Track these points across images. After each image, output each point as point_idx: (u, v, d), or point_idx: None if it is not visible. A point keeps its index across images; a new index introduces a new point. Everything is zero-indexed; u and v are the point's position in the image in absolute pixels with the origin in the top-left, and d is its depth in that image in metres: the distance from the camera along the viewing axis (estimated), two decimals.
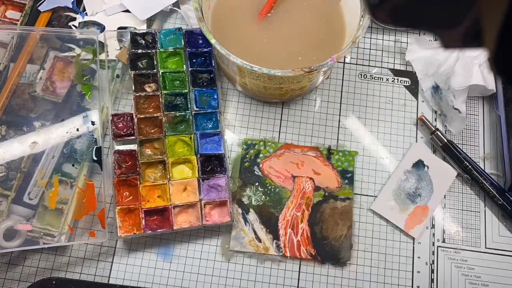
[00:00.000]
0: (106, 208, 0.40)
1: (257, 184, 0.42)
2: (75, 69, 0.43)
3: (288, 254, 0.40)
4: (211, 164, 0.41)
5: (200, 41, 0.44)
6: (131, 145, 0.41)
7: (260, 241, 0.40)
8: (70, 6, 0.46)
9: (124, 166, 0.40)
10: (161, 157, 0.40)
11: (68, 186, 0.40)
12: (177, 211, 0.39)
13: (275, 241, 0.40)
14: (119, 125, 0.41)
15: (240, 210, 0.41)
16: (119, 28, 0.46)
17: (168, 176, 0.40)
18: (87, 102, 0.42)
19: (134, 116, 0.41)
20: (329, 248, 0.40)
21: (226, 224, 0.39)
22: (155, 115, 0.41)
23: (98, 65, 0.43)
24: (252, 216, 0.41)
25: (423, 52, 0.46)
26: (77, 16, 0.46)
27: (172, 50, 0.43)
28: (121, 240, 0.40)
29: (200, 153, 0.41)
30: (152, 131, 0.41)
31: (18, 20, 0.45)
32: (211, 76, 0.43)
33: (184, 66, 0.43)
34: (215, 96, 0.42)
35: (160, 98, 0.42)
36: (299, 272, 0.40)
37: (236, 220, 0.41)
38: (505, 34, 0.14)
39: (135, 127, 0.41)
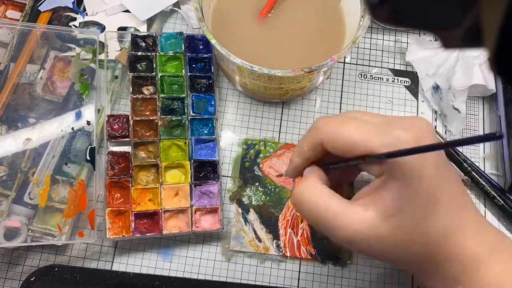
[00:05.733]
0: (97, 209, 0.40)
1: (257, 184, 0.42)
2: (74, 68, 0.43)
3: (288, 254, 0.40)
4: (204, 170, 0.41)
5: (201, 47, 0.44)
6: (125, 147, 0.41)
7: (260, 241, 0.40)
8: (71, 6, 0.46)
9: (117, 167, 0.40)
10: (154, 160, 0.40)
11: (66, 185, 0.40)
12: (167, 215, 0.39)
13: (275, 241, 0.40)
14: (114, 126, 0.41)
15: (240, 210, 0.41)
16: (120, 28, 0.46)
17: (160, 180, 0.40)
18: (84, 102, 0.42)
19: (130, 118, 0.41)
20: (329, 248, 0.40)
21: (217, 231, 0.39)
22: (151, 118, 0.41)
23: (97, 65, 0.43)
24: (252, 216, 0.41)
25: (423, 52, 0.46)
26: (78, 16, 0.46)
27: (172, 54, 0.43)
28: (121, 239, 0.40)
29: (194, 159, 0.41)
30: (147, 134, 0.41)
31: (18, 20, 0.45)
32: (210, 82, 0.43)
33: (183, 70, 0.43)
34: (213, 102, 0.42)
35: (157, 102, 0.42)
36: (299, 272, 0.40)
37: (236, 220, 0.41)
38: (505, 34, 0.14)
39: (130, 129, 0.41)
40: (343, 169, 0.34)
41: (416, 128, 0.27)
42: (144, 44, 0.43)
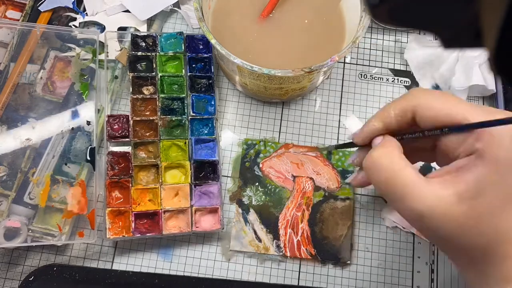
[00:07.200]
0: (97, 209, 0.40)
1: (257, 184, 0.42)
2: (74, 68, 0.43)
3: (288, 254, 0.40)
4: (204, 171, 0.41)
5: (201, 47, 0.44)
6: (125, 147, 0.41)
7: (260, 241, 0.40)
8: (71, 6, 0.46)
9: (117, 167, 0.40)
10: (154, 160, 0.40)
11: (66, 185, 0.40)
12: (167, 215, 0.39)
13: (275, 241, 0.40)
14: (114, 127, 0.41)
15: (240, 210, 0.41)
16: (120, 28, 0.46)
17: (160, 180, 0.40)
18: (84, 102, 0.42)
19: (130, 118, 0.41)
20: (329, 248, 0.40)
21: (218, 232, 0.39)
22: (151, 118, 0.41)
23: (97, 65, 0.43)
24: (252, 216, 0.41)
25: (422, 50, 0.46)
26: (78, 16, 0.46)
27: (172, 54, 0.43)
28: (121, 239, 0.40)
29: (194, 159, 0.41)
30: (147, 134, 0.41)
31: (18, 20, 0.45)
32: (210, 82, 0.43)
33: (183, 70, 0.43)
34: (213, 102, 0.42)
35: (157, 102, 0.42)
36: (299, 272, 0.40)
37: (236, 220, 0.41)
38: (505, 34, 0.14)
39: (130, 129, 0.41)
40: (415, 149, 0.33)
41: None
42: (144, 44, 0.43)
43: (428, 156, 0.32)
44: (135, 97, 0.41)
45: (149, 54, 0.43)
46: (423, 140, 0.32)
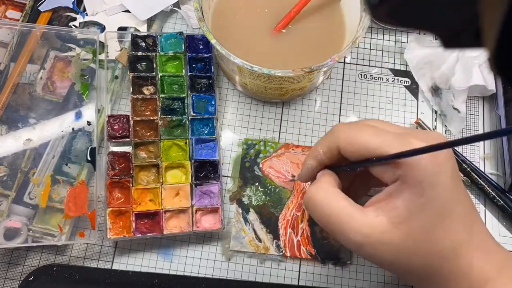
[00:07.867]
0: (98, 209, 0.40)
1: (257, 184, 0.42)
2: (74, 68, 0.43)
3: (288, 254, 0.40)
4: (205, 170, 0.41)
5: (201, 47, 0.44)
6: (125, 147, 0.41)
7: (260, 241, 0.40)
8: (71, 6, 0.46)
9: (117, 167, 0.40)
10: (155, 160, 0.40)
11: (67, 186, 0.40)
12: (168, 215, 0.39)
13: (275, 241, 0.40)
14: (115, 127, 0.41)
15: (240, 210, 0.41)
16: (120, 28, 0.46)
17: (161, 180, 0.40)
18: (85, 102, 0.42)
19: (130, 118, 0.41)
20: (329, 248, 0.40)
21: (218, 231, 0.39)
22: (151, 118, 0.41)
23: (97, 65, 0.43)
24: (252, 216, 0.41)
25: (422, 50, 0.46)
26: (78, 16, 0.46)
27: (172, 54, 0.43)
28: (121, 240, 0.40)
29: (194, 159, 0.41)
30: (148, 134, 0.41)
31: (18, 20, 0.45)
32: (210, 81, 0.43)
33: (184, 70, 0.43)
34: (213, 102, 0.42)
35: (158, 102, 0.42)
36: (299, 272, 0.40)
37: (236, 220, 0.41)
38: (505, 34, 0.14)
39: (130, 129, 0.41)
40: (361, 180, 0.34)
41: (430, 138, 0.27)
42: (144, 44, 0.43)
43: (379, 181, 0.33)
44: (135, 97, 0.41)
45: (149, 54, 0.43)
46: (361, 178, 0.34)
